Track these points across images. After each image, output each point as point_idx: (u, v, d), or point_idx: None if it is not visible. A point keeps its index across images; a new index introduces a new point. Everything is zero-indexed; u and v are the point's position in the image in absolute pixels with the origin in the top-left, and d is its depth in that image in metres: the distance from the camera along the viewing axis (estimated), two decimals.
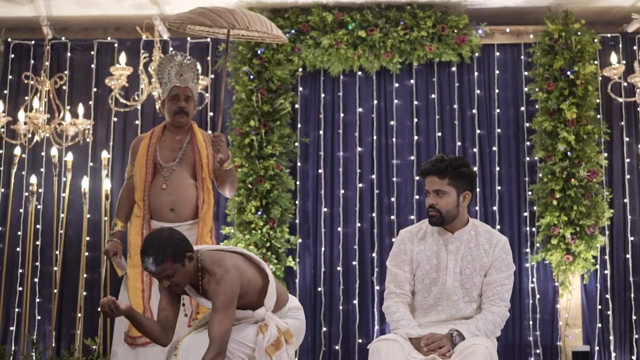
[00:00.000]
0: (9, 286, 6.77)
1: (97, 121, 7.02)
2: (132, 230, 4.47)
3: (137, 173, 4.51)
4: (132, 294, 4.35)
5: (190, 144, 4.55)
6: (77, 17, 7.09)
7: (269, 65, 6.81)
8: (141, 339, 4.28)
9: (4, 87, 7.12)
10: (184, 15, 4.40)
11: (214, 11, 4.34)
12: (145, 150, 4.51)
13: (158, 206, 4.45)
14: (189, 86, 4.58)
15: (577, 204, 6.54)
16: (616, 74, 6.22)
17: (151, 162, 4.48)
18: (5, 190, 6.88)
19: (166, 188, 4.45)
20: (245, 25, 4.32)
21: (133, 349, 4.33)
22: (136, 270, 4.37)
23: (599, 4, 6.80)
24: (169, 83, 4.55)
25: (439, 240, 3.68)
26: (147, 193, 4.45)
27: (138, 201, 4.48)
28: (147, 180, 4.46)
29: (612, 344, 6.60)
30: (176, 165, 4.50)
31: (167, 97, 4.55)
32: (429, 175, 3.64)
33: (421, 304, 3.66)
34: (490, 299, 3.59)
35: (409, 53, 6.86)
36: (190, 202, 4.47)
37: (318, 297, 6.75)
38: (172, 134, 4.59)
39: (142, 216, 4.45)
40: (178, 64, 4.58)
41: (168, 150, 4.53)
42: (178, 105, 4.53)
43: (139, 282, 4.36)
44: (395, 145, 6.91)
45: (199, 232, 4.44)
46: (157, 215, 4.45)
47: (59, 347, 6.66)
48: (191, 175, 4.52)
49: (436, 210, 3.61)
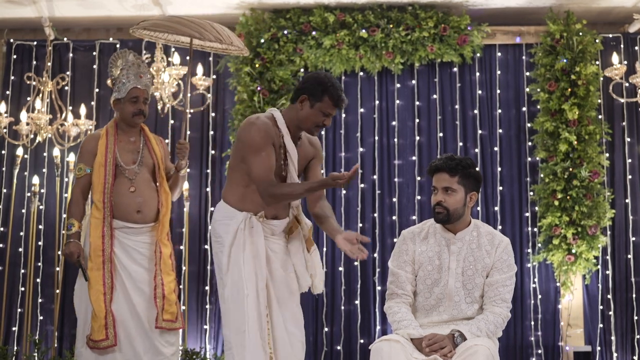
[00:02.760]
0: (12, 286, 6.79)
1: (99, 122, 7.04)
2: (92, 232, 4.38)
3: (95, 173, 4.45)
4: (93, 297, 4.30)
5: (146, 147, 4.58)
6: (79, 17, 7.10)
7: (270, 66, 6.81)
8: (104, 342, 4.26)
9: (6, 87, 7.14)
10: (151, 22, 4.57)
11: (179, 21, 4.50)
12: (103, 151, 4.47)
13: (124, 207, 4.42)
14: (148, 89, 4.62)
15: (578, 204, 6.54)
16: (618, 75, 6.22)
17: (112, 163, 4.45)
18: (7, 190, 6.89)
19: (134, 191, 4.45)
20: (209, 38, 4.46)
21: (95, 353, 4.31)
22: (98, 272, 4.33)
23: (600, 5, 6.80)
24: (127, 83, 4.54)
25: (441, 241, 3.69)
26: (108, 194, 4.41)
27: (97, 202, 4.42)
28: (108, 182, 4.42)
29: (614, 344, 6.60)
30: (137, 167, 4.51)
31: (125, 97, 4.53)
32: (439, 171, 3.65)
33: (423, 305, 3.66)
34: (492, 300, 3.59)
35: (411, 53, 6.86)
36: (154, 205, 4.51)
37: (320, 298, 6.75)
38: (126, 134, 4.58)
39: (102, 218, 4.39)
40: (135, 65, 4.58)
41: (127, 152, 4.53)
42: (138, 108, 4.54)
43: (101, 285, 4.32)
44: (396, 146, 6.92)
45: (158, 235, 4.47)
46: (122, 216, 4.42)
47: (61, 347, 6.67)
48: (152, 177, 4.56)
49: (443, 208, 3.62)
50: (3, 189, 6.97)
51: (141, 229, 4.45)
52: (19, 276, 6.84)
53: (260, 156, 3.63)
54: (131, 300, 4.37)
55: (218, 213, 3.81)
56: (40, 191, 6.82)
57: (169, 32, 4.65)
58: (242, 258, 3.63)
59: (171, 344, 4.44)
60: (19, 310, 6.79)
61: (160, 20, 4.68)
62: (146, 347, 4.36)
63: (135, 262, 4.43)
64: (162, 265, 4.41)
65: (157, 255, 4.42)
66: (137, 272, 4.41)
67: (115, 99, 4.57)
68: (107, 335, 4.26)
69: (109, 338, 4.27)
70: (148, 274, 4.42)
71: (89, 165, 4.49)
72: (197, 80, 6.23)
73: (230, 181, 3.81)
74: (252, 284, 3.62)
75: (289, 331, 3.74)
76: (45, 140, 6.62)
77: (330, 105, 3.71)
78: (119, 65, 4.61)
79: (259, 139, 3.65)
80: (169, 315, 4.37)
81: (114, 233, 4.40)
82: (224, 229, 3.72)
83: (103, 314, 4.27)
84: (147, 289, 4.40)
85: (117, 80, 4.58)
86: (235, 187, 3.76)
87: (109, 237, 4.38)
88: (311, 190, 3.71)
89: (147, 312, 4.38)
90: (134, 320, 4.36)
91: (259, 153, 3.63)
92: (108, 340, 4.26)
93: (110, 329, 4.27)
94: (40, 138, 6.36)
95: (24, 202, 6.85)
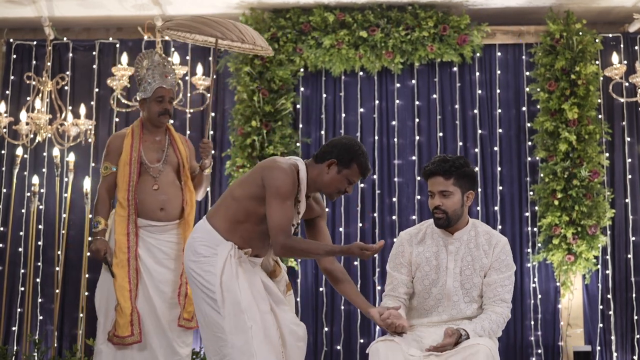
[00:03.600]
0: (11, 286, 6.79)
1: (98, 121, 7.04)
2: (116, 229, 4.42)
3: (120, 172, 4.49)
4: (119, 294, 4.33)
5: (171, 146, 4.62)
6: (79, 17, 7.10)
7: (270, 66, 6.81)
8: (130, 339, 4.28)
9: (5, 87, 7.13)
10: (179, 21, 4.59)
11: (204, 21, 4.51)
12: (129, 149, 4.51)
13: (148, 205, 4.46)
14: (174, 88, 4.65)
15: (578, 204, 6.54)
16: (617, 74, 6.22)
17: (136, 162, 4.49)
18: (7, 190, 6.89)
19: (158, 189, 4.48)
20: (232, 38, 4.48)
21: (120, 349, 4.32)
22: (123, 270, 4.36)
23: (600, 4, 6.80)
24: (153, 83, 4.58)
25: (439, 242, 3.68)
26: (133, 192, 4.45)
27: (122, 200, 4.45)
28: (133, 180, 4.46)
29: (614, 344, 6.60)
30: (162, 166, 4.54)
31: (151, 97, 4.57)
32: (433, 176, 3.62)
33: (422, 305, 3.66)
34: (491, 300, 3.59)
35: (411, 53, 6.86)
36: (178, 203, 4.54)
37: (320, 297, 6.75)
38: (151, 134, 4.61)
39: (126, 215, 4.43)
40: (160, 64, 4.61)
41: (152, 151, 4.56)
42: (164, 107, 4.58)
43: (126, 282, 4.35)
44: (396, 146, 6.92)
45: (183, 233, 4.48)
46: (146, 214, 4.46)
47: (61, 347, 6.67)
48: (176, 176, 4.59)
49: (442, 212, 3.59)
50: (3, 189, 6.97)
51: (165, 227, 4.48)
52: (18, 276, 6.84)
53: (286, 205, 3.49)
54: (151, 300, 4.39)
55: (201, 234, 3.58)
56: (40, 191, 6.82)
57: (191, 32, 4.67)
58: (237, 287, 3.46)
59: (187, 344, 4.48)
60: (19, 310, 6.79)
61: (184, 20, 4.70)
62: (163, 347, 4.38)
63: (158, 262, 4.45)
64: None
65: (183, 253, 4.43)
66: (159, 272, 4.43)
67: (141, 98, 4.61)
68: (133, 331, 4.29)
69: (134, 334, 4.29)
70: (171, 274, 4.43)
71: (114, 164, 4.53)
72: (197, 80, 6.23)
73: (225, 209, 3.58)
74: (253, 314, 3.45)
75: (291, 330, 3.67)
76: (45, 140, 6.62)
77: (357, 173, 3.61)
78: (145, 65, 4.64)
79: (288, 188, 3.50)
80: (187, 315, 4.41)
81: (138, 232, 4.43)
82: (207, 251, 3.52)
83: (129, 311, 4.29)
84: (168, 289, 4.41)
85: (143, 80, 4.61)
86: (228, 218, 3.56)
87: (134, 235, 4.42)
88: (331, 253, 3.59)
89: (166, 312, 4.40)
90: (152, 320, 4.38)
91: (285, 201, 3.48)
92: (133, 337, 4.29)
93: (135, 326, 4.30)
94: (40, 138, 6.36)
95: (24, 201, 6.85)
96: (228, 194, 3.65)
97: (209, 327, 3.49)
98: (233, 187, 3.65)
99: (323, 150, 3.62)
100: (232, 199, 3.59)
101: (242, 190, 3.58)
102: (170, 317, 4.40)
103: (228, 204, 3.59)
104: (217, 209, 3.62)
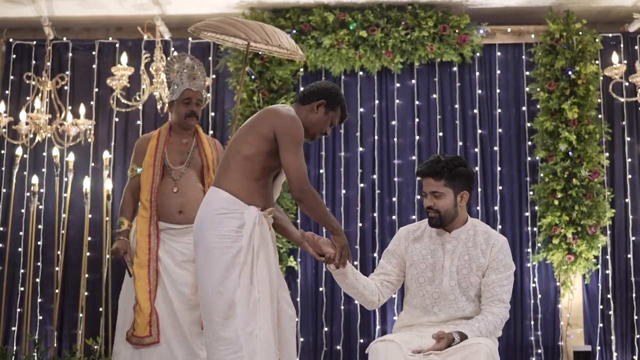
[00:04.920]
0: (11, 286, 6.78)
1: (98, 121, 7.04)
2: (139, 230, 4.46)
3: (144, 173, 4.52)
4: (139, 294, 4.35)
5: (197, 148, 4.61)
6: (78, 17, 7.09)
7: (270, 65, 6.81)
8: (148, 339, 4.29)
9: (5, 87, 7.13)
10: (207, 22, 4.59)
11: (231, 22, 4.54)
12: (153, 152, 4.53)
13: (167, 208, 4.48)
14: (201, 91, 4.66)
15: (578, 203, 6.53)
16: (617, 74, 6.21)
17: (159, 164, 4.51)
18: (7, 190, 6.89)
19: (177, 191, 4.50)
20: (265, 40, 4.49)
21: (137, 349, 4.33)
22: (143, 270, 4.38)
23: (600, 4, 6.80)
24: (180, 85, 4.59)
25: (437, 240, 3.68)
26: (154, 194, 4.47)
27: (144, 202, 4.48)
28: (155, 182, 4.48)
29: (614, 343, 6.60)
30: (185, 168, 4.55)
31: (178, 99, 4.58)
32: (425, 177, 3.65)
33: (420, 304, 3.66)
34: (490, 300, 3.58)
35: (410, 53, 6.86)
36: (198, 205, 4.49)
37: (319, 297, 6.75)
38: (179, 136, 4.62)
39: (148, 217, 4.45)
40: (189, 67, 4.62)
41: (176, 153, 4.57)
42: (190, 109, 4.58)
43: (146, 283, 4.37)
44: (396, 145, 6.92)
45: None
46: (165, 217, 4.48)
47: (61, 347, 6.66)
48: (199, 179, 4.58)
49: (435, 212, 3.62)
50: (2, 189, 6.97)
51: (184, 230, 4.45)
52: (18, 276, 6.84)
53: (301, 150, 3.54)
54: (170, 301, 4.38)
55: (218, 204, 3.52)
56: (40, 191, 6.82)
57: (217, 32, 4.68)
58: (254, 258, 3.47)
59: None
60: (19, 310, 6.79)
61: (213, 20, 4.68)
62: (183, 349, 4.37)
63: (177, 264, 4.44)
64: None
65: None
66: (179, 274, 4.42)
67: (170, 101, 4.62)
68: (151, 332, 4.30)
69: (152, 335, 4.29)
70: (191, 276, 4.40)
71: (140, 166, 4.56)
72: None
73: (238, 172, 3.53)
74: (264, 286, 3.48)
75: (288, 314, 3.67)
76: (45, 139, 6.62)
77: (340, 116, 3.75)
78: (176, 69, 4.65)
79: (302, 134, 3.58)
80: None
81: (159, 234, 4.44)
82: (230, 223, 3.47)
83: (148, 311, 4.30)
84: (188, 291, 4.40)
85: (173, 82, 4.63)
86: (244, 179, 3.53)
87: (155, 237, 4.43)
88: (332, 219, 3.58)
89: (186, 315, 4.38)
90: (171, 322, 4.37)
91: (300, 147, 3.55)
92: (151, 337, 4.29)
93: (154, 326, 4.31)
94: (39, 138, 6.36)
95: (24, 201, 6.85)
96: (234, 154, 3.58)
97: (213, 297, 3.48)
98: (238, 147, 3.58)
99: (309, 91, 3.74)
100: (243, 158, 3.55)
101: (254, 147, 3.55)
102: (190, 319, 4.38)
103: (241, 165, 3.55)
104: (227, 174, 3.57)
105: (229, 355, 3.42)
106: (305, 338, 6.70)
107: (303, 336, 6.69)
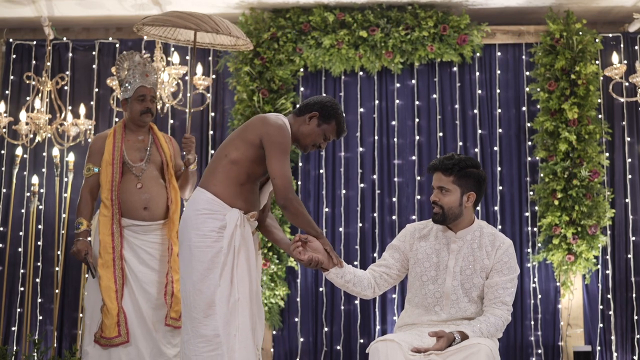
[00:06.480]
0: (11, 286, 6.78)
1: (98, 121, 7.04)
2: (101, 230, 4.44)
3: (103, 172, 4.52)
4: (105, 295, 4.34)
5: (154, 145, 4.64)
6: (78, 17, 7.10)
7: (270, 66, 6.81)
8: (118, 339, 4.30)
9: (5, 87, 7.13)
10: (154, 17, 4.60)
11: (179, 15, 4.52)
12: (111, 149, 4.53)
13: (131, 205, 4.48)
14: (155, 88, 4.68)
15: (578, 204, 6.53)
16: (618, 74, 6.21)
17: (119, 162, 4.51)
18: (7, 190, 6.89)
19: (141, 187, 4.51)
20: (215, 29, 4.47)
21: (106, 349, 4.33)
22: (108, 270, 4.38)
23: (600, 4, 6.80)
24: (134, 82, 4.61)
25: (442, 239, 3.69)
26: (116, 192, 4.47)
27: (105, 200, 4.48)
28: (115, 180, 4.48)
29: (614, 344, 6.60)
30: (145, 165, 4.56)
31: (132, 96, 4.61)
32: (434, 171, 3.67)
33: (422, 303, 3.66)
34: (492, 302, 3.58)
35: (411, 53, 6.86)
36: (162, 202, 4.55)
37: (320, 297, 6.75)
38: (134, 133, 4.64)
39: (110, 215, 4.45)
40: (141, 64, 4.65)
41: (134, 150, 4.58)
42: (146, 106, 4.62)
43: (112, 283, 4.36)
44: (396, 146, 6.92)
45: (169, 233, 4.51)
46: (129, 214, 4.48)
47: (61, 347, 6.66)
48: (160, 175, 4.61)
49: (439, 207, 3.63)
50: (2, 189, 6.96)
51: (149, 227, 4.49)
52: (18, 276, 6.84)
53: (287, 159, 3.61)
54: (137, 300, 4.41)
55: (204, 204, 3.60)
56: (40, 191, 6.82)
57: (166, 26, 4.68)
58: (235, 259, 3.55)
59: (174, 345, 4.47)
60: (19, 310, 6.79)
61: (158, 15, 4.72)
62: (150, 348, 4.39)
63: (142, 262, 4.46)
64: (172, 263, 4.44)
65: (169, 253, 4.46)
66: (144, 273, 4.45)
67: (123, 98, 4.64)
68: (120, 332, 4.31)
69: (121, 335, 4.31)
70: (156, 275, 4.45)
71: (97, 165, 4.56)
72: (197, 80, 6.23)
73: (224, 174, 3.62)
74: (243, 287, 3.57)
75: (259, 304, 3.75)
76: (45, 139, 6.63)
77: (335, 131, 3.78)
78: (126, 67, 4.67)
79: (289, 143, 3.64)
80: (174, 314, 4.41)
81: (123, 232, 4.44)
82: (212, 223, 3.55)
83: (116, 311, 4.31)
84: (153, 290, 4.43)
85: (125, 81, 4.64)
86: (229, 182, 3.61)
87: (119, 235, 4.43)
88: (314, 226, 3.62)
89: (151, 313, 4.41)
90: (138, 321, 4.39)
91: (287, 156, 3.61)
92: (121, 337, 4.30)
93: (122, 326, 4.31)
94: (39, 138, 6.36)
95: (24, 201, 6.85)
96: (221, 158, 3.67)
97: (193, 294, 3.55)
98: (226, 151, 3.66)
99: (305, 104, 3.79)
100: (230, 162, 3.63)
101: (240, 153, 3.64)
102: (155, 318, 4.41)
103: (227, 169, 3.63)
104: (213, 176, 3.66)
105: (207, 352, 3.51)
106: (305, 338, 6.70)
107: (303, 336, 6.70)
